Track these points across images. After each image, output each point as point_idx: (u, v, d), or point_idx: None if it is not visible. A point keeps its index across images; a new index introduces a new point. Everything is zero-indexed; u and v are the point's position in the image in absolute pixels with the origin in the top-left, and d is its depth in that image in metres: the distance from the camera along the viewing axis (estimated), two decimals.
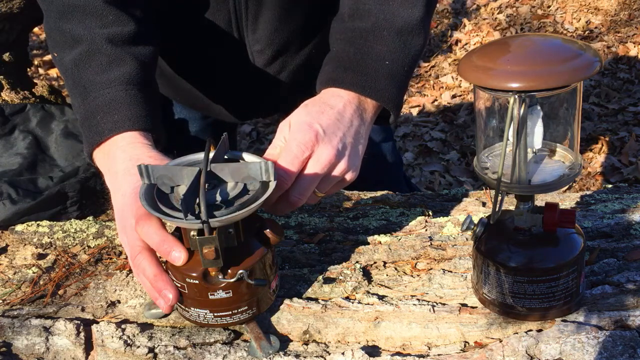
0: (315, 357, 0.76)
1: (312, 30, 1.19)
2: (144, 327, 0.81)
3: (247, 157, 0.82)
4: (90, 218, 1.06)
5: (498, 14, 3.99)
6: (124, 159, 0.86)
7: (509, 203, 0.99)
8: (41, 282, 0.91)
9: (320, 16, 1.19)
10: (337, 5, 1.22)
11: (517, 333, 0.75)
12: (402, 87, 0.94)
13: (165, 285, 0.77)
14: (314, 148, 0.83)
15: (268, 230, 0.78)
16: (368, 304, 0.81)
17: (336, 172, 0.86)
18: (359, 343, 0.78)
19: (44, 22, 0.99)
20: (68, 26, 0.94)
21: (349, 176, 0.88)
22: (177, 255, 0.75)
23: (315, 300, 0.83)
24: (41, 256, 0.97)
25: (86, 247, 0.98)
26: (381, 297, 0.83)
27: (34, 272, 0.93)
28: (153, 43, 1.00)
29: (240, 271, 0.75)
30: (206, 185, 0.74)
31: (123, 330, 0.79)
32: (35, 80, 1.47)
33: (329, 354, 0.76)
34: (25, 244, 1.00)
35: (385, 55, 0.92)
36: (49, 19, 0.97)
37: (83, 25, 0.93)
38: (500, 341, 0.75)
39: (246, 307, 0.77)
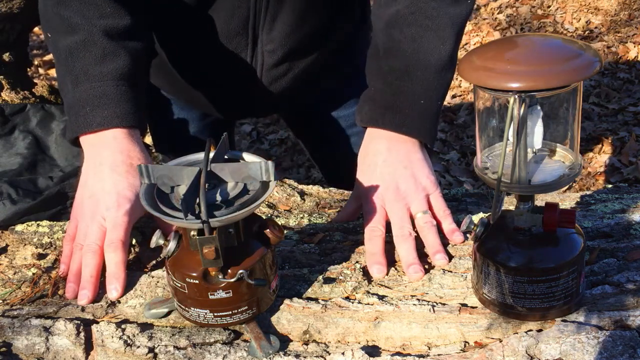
0: (315, 357, 0.76)
1: (321, 36, 1.20)
2: (144, 327, 0.81)
3: (247, 157, 0.82)
4: None
5: (498, 14, 3.99)
6: (110, 154, 0.93)
7: (509, 203, 0.99)
8: (41, 282, 0.91)
9: (332, 22, 1.20)
10: (346, 12, 1.22)
11: (517, 333, 0.75)
12: (436, 120, 1.01)
13: (91, 289, 0.86)
14: (407, 201, 0.94)
15: (268, 230, 0.78)
16: (368, 304, 0.81)
17: (416, 192, 0.95)
18: (359, 343, 0.78)
19: (39, 2, 1.01)
20: (66, 12, 0.97)
21: (429, 185, 0.97)
22: (114, 290, 0.86)
23: (315, 300, 0.83)
24: (41, 256, 0.96)
25: None
26: (381, 297, 0.83)
27: (34, 272, 0.93)
28: (147, 37, 1.03)
29: (240, 271, 0.75)
30: (206, 185, 0.74)
31: (123, 330, 0.79)
32: (35, 80, 1.48)
33: (329, 354, 0.76)
34: (25, 244, 1.00)
35: (420, 94, 0.97)
36: (46, 1, 1.00)
37: (81, 14, 0.96)
38: (500, 341, 0.75)
39: (246, 307, 0.77)
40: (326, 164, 1.56)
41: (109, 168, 0.92)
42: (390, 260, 0.90)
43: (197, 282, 0.75)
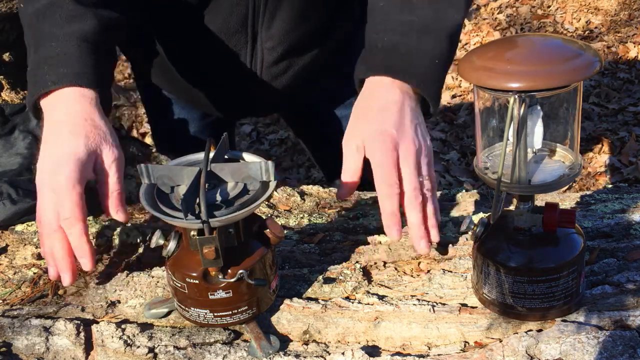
0: (315, 357, 0.76)
1: (321, 33, 1.20)
2: (144, 327, 0.81)
3: (247, 157, 0.82)
4: (90, 218, 1.06)
5: (498, 14, 3.99)
6: (57, 114, 0.87)
7: (509, 203, 0.99)
8: (41, 282, 0.91)
9: (330, 20, 1.20)
10: (346, 9, 1.22)
11: (517, 333, 0.75)
12: (441, 86, 0.96)
13: (67, 270, 0.83)
14: (397, 148, 0.85)
15: (268, 230, 0.78)
16: (368, 304, 0.81)
17: (423, 153, 0.89)
18: (359, 343, 0.78)
19: None
20: None
21: (430, 150, 0.90)
22: (85, 265, 0.83)
23: (315, 300, 0.83)
24: (41, 256, 0.96)
25: None
26: (381, 297, 0.83)
27: (34, 272, 0.93)
28: (124, 12, 0.98)
29: (240, 271, 0.75)
30: (206, 185, 0.74)
31: (123, 330, 0.79)
32: None
33: (329, 354, 0.76)
34: (25, 244, 1.00)
35: (437, 55, 0.93)
36: None
37: None
38: (500, 341, 0.75)
39: (246, 307, 0.77)
40: (326, 164, 1.56)
41: (68, 130, 0.86)
42: (391, 258, 0.90)
43: (197, 282, 0.75)
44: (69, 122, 0.86)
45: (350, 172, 0.88)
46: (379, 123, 0.87)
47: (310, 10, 1.14)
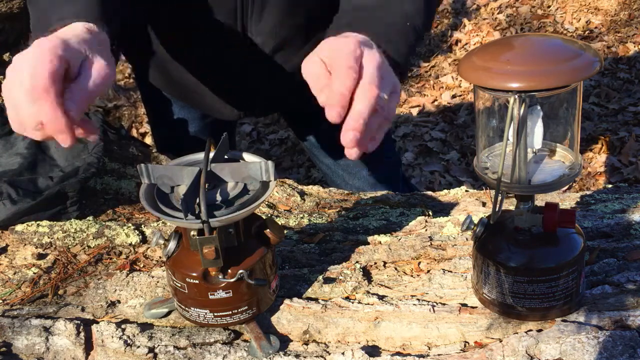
0: (315, 357, 0.76)
1: (314, 28, 1.19)
2: (144, 327, 0.81)
3: (247, 157, 0.82)
4: (90, 218, 1.06)
5: (498, 14, 3.99)
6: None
7: (509, 203, 0.99)
8: (41, 282, 0.91)
9: (323, 14, 1.19)
10: (339, 3, 1.22)
11: (517, 333, 0.75)
12: (409, 49, 0.91)
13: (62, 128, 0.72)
14: (361, 54, 0.76)
15: (268, 230, 0.78)
16: (368, 304, 0.81)
17: (387, 73, 0.78)
18: (359, 343, 0.78)
19: None
20: None
21: (398, 84, 0.80)
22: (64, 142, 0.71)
23: (315, 300, 0.83)
24: (41, 256, 0.96)
25: (86, 247, 0.98)
26: (381, 297, 0.83)
27: (34, 272, 0.93)
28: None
29: (240, 271, 0.75)
30: (206, 185, 0.74)
31: (123, 330, 0.79)
32: None
33: (329, 354, 0.76)
34: (25, 244, 1.00)
35: (410, 16, 0.91)
36: None
37: None
38: (500, 341, 0.75)
39: (246, 307, 0.77)
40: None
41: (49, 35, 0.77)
42: (392, 259, 0.90)
43: (197, 282, 0.75)
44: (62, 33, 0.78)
45: (319, 79, 0.78)
46: (343, 42, 0.79)
47: (299, 4, 1.13)
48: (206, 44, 1.16)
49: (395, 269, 0.89)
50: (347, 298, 0.83)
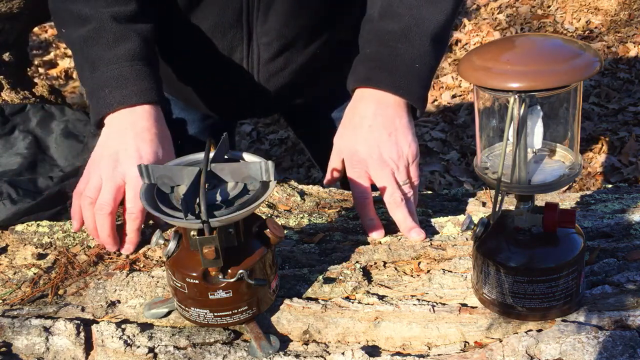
0: (315, 357, 0.76)
1: (319, 29, 1.19)
2: (144, 327, 0.81)
3: (247, 157, 0.82)
4: None
5: (498, 14, 3.99)
6: (134, 122, 0.97)
7: (509, 203, 0.99)
8: (41, 282, 0.91)
9: (328, 15, 1.20)
10: (344, 5, 1.22)
11: (517, 333, 0.75)
12: (427, 86, 1.03)
13: (111, 245, 0.95)
14: (366, 169, 0.98)
15: (268, 230, 0.78)
16: (368, 304, 0.81)
17: (400, 161, 0.98)
18: (359, 343, 0.78)
19: (49, 2, 1.07)
20: (75, 6, 1.02)
21: (411, 154, 0.99)
22: (128, 249, 0.96)
23: (315, 300, 0.83)
24: (41, 256, 0.96)
25: (86, 247, 0.98)
26: (381, 297, 0.83)
27: (34, 272, 0.93)
28: (152, 20, 1.06)
29: (240, 271, 0.75)
30: (206, 185, 0.74)
31: (123, 330, 0.79)
32: (35, 80, 1.47)
33: (329, 354, 0.76)
34: (25, 244, 1.00)
35: (415, 58, 1.00)
36: (55, 0, 1.05)
37: (89, 5, 1.01)
38: (500, 341, 0.75)
39: (246, 307, 0.77)
40: (326, 164, 1.55)
41: (133, 133, 0.95)
42: (391, 258, 0.90)
43: (197, 282, 0.75)
44: (133, 129, 0.96)
45: (332, 167, 1.04)
46: (353, 141, 0.99)
47: (305, 5, 1.14)
48: (210, 46, 1.16)
49: (395, 269, 0.89)
50: (347, 298, 0.83)
